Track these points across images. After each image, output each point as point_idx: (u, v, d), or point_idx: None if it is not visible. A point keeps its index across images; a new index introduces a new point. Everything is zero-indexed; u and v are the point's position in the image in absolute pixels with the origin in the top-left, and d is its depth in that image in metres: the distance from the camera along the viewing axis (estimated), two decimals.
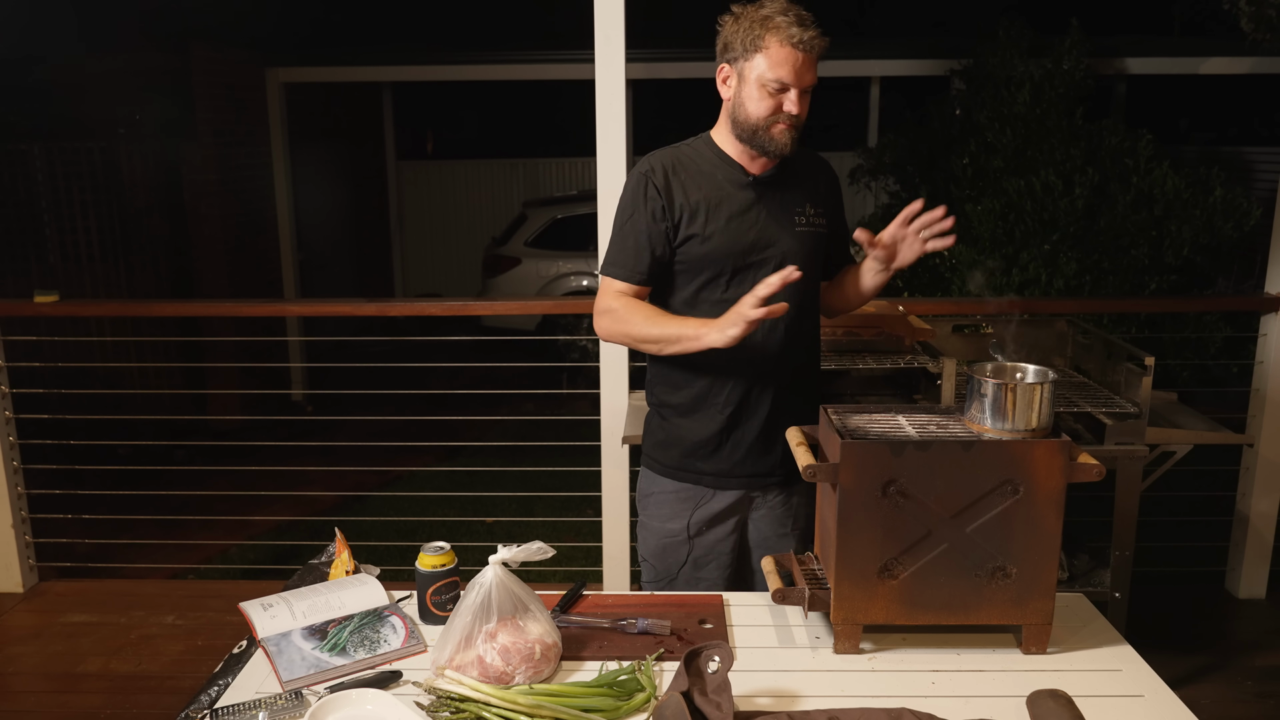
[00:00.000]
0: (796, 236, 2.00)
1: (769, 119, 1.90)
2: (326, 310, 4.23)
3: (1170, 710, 1.49)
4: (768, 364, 2.01)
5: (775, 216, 1.99)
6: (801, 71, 1.87)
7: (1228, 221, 5.48)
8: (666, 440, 2.10)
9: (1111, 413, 2.63)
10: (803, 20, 1.87)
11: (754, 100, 1.90)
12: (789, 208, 2.01)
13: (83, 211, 5.98)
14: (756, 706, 1.48)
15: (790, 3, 1.91)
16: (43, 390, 3.82)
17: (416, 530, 4.34)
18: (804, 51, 1.86)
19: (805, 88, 1.90)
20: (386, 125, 9.66)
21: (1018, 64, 5.90)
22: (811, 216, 2.03)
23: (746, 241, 1.97)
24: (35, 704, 2.98)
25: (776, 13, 1.87)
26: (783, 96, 1.88)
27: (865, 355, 2.60)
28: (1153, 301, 5.02)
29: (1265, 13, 4.74)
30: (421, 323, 3.87)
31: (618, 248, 1.99)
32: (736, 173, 1.98)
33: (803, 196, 2.03)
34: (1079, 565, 2.88)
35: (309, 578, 1.91)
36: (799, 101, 1.89)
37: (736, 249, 1.96)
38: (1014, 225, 5.53)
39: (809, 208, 2.02)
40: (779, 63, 1.86)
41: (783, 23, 1.86)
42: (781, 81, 1.87)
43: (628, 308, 1.94)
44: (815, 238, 2.03)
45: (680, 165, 2.00)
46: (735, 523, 2.11)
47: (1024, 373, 1.71)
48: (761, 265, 1.97)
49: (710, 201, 1.97)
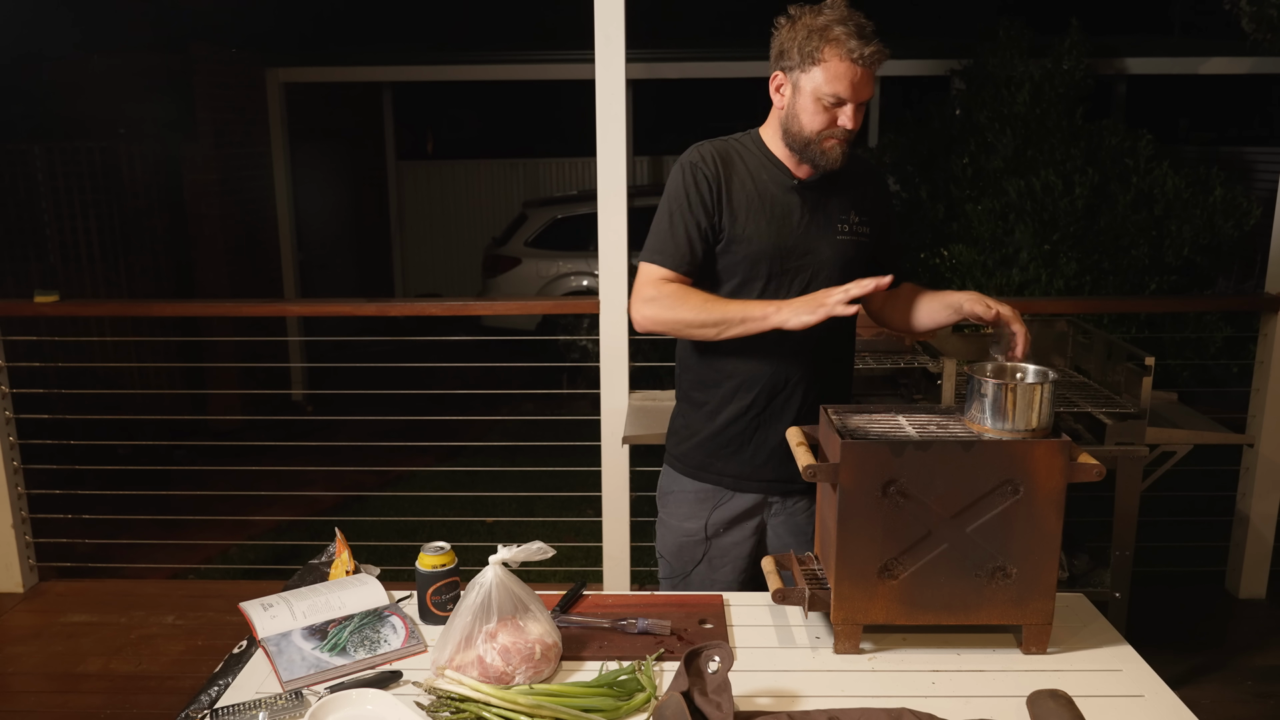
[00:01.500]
0: (837, 245, 1.96)
1: (823, 133, 1.85)
2: (326, 310, 4.23)
3: (1170, 710, 1.49)
4: (799, 369, 1.99)
5: (818, 223, 1.95)
6: (860, 86, 1.82)
7: (1228, 221, 5.49)
8: (691, 438, 2.08)
9: (1111, 413, 2.63)
10: (863, 31, 1.80)
11: (808, 113, 1.85)
12: (833, 215, 1.96)
13: (83, 211, 5.98)
14: (756, 706, 1.48)
15: (850, 9, 1.83)
16: (43, 390, 3.82)
17: (416, 530, 4.34)
18: (864, 66, 1.80)
19: (862, 101, 1.85)
20: (386, 125, 9.67)
21: (1018, 64, 5.91)
22: (856, 225, 1.98)
23: (786, 246, 1.93)
24: (35, 704, 2.98)
25: (836, 22, 1.80)
26: (838, 111, 1.84)
27: (865, 355, 2.60)
28: (1153, 301, 5.02)
29: (1265, 12, 4.75)
30: (421, 323, 3.87)
31: (665, 235, 1.93)
32: (783, 175, 1.94)
33: (848, 204, 1.98)
34: (1079, 565, 2.88)
35: (309, 578, 1.91)
36: (854, 115, 1.84)
37: (777, 253, 1.93)
38: (1014, 225, 5.53)
39: (854, 215, 1.98)
40: (837, 77, 1.80)
41: (842, 34, 1.79)
42: (839, 97, 1.82)
43: (678, 293, 1.88)
44: (857, 246, 1.98)
45: (729, 159, 1.95)
46: (754, 527, 2.09)
47: (1024, 373, 1.71)
48: (799, 272, 1.94)
49: (754, 202, 1.93)
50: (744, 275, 1.94)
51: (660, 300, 1.89)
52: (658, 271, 1.92)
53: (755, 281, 1.94)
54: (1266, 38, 4.98)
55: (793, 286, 1.94)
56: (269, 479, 4.33)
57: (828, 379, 2.04)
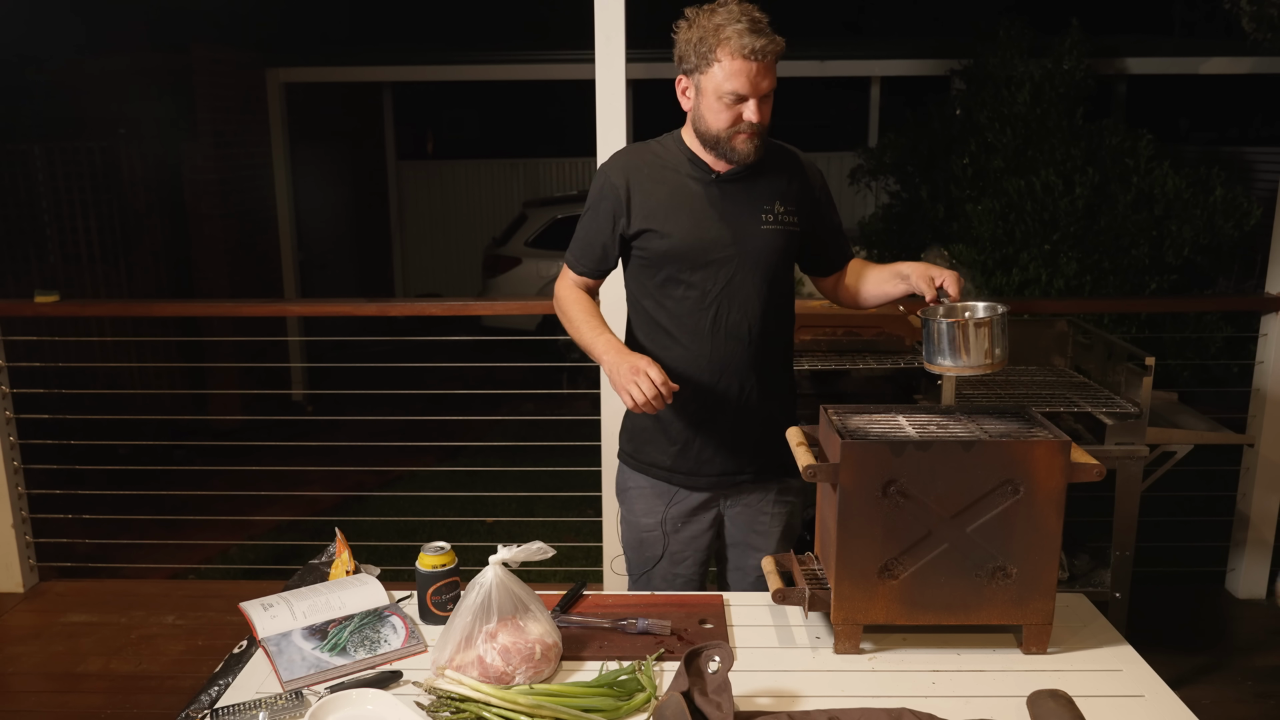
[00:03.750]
0: (762, 235, 1.99)
1: (730, 129, 1.88)
2: (326, 310, 4.23)
3: (1170, 710, 1.49)
4: (734, 364, 2.01)
5: (739, 214, 1.98)
6: (757, 80, 1.84)
7: (1228, 221, 5.48)
8: (640, 437, 2.11)
9: (1112, 413, 2.63)
10: (756, 26, 1.83)
11: (713, 112, 1.88)
12: (755, 205, 1.99)
13: (83, 211, 5.98)
14: (757, 706, 1.48)
15: (744, 4, 1.86)
16: (43, 390, 3.82)
17: (417, 530, 4.34)
18: (758, 61, 1.82)
19: (764, 95, 1.87)
20: (386, 125, 9.66)
21: (1018, 64, 5.90)
22: (781, 214, 2.00)
23: (708, 239, 1.97)
24: (35, 704, 2.98)
25: (729, 21, 1.83)
26: (741, 107, 1.86)
27: (865, 355, 2.60)
28: (1153, 301, 5.02)
29: (1266, 12, 4.75)
30: (421, 323, 3.87)
31: (577, 240, 2.10)
32: (701, 171, 1.98)
33: (771, 194, 2.00)
34: (1079, 565, 2.88)
35: (309, 578, 1.91)
36: (759, 109, 1.87)
37: (698, 247, 1.97)
38: (1014, 225, 5.53)
39: (778, 205, 2.00)
40: (733, 75, 1.83)
41: (734, 33, 1.81)
42: (738, 93, 1.84)
43: (569, 300, 2.05)
44: (785, 235, 2.01)
45: (644, 163, 2.02)
46: (710, 519, 2.12)
47: (973, 310, 1.74)
48: (724, 264, 1.98)
49: (671, 199, 1.98)
50: (671, 269, 2.00)
51: (559, 302, 2.08)
52: (568, 273, 2.11)
53: (681, 274, 2.00)
54: (1266, 37, 4.98)
55: (719, 277, 1.98)
56: (269, 479, 4.33)
57: (765, 375, 2.05)
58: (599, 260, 2.07)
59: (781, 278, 2.04)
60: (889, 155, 6.80)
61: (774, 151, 2.01)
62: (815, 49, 8.14)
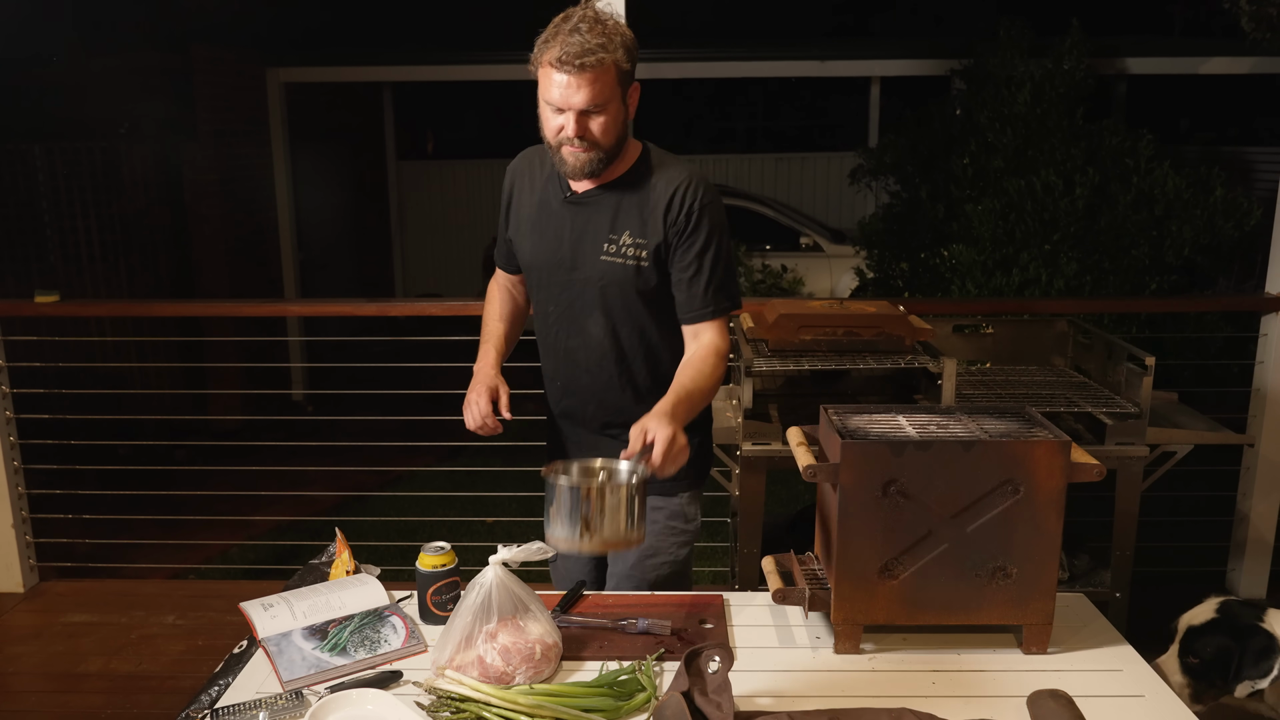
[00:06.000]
0: (600, 265, 1.87)
1: (555, 139, 1.80)
2: (327, 310, 4.23)
3: (1170, 710, 1.50)
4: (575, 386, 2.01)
5: (583, 239, 1.89)
6: (569, 94, 1.73)
7: (1228, 221, 5.49)
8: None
9: (1112, 413, 2.63)
10: (581, 35, 1.71)
11: (542, 120, 1.82)
12: (600, 232, 1.88)
13: (83, 211, 5.98)
14: (757, 706, 1.48)
15: (587, 14, 1.74)
16: (43, 390, 3.82)
17: (417, 530, 4.33)
18: (570, 73, 1.71)
19: (581, 109, 1.75)
20: (386, 125, 9.66)
21: (1018, 64, 5.91)
22: (624, 246, 1.86)
23: (555, 259, 1.91)
24: (35, 704, 2.98)
25: (556, 30, 1.74)
26: (561, 119, 1.77)
27: (865, 355, 2.59)
28: (1153, 301, 5.02)
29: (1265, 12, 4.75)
30: (421, 323, 3.86)
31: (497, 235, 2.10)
32: (561, 188, 1.91)
33: (621, 223, 1.86)
34: (1079, 565, 2.88)
35: (309, 578, 1.91)
36: (577, 123, 1.75)
37: (546, 265, 1.93)
38: (1014, 225, 5.53)
39: (625, 236, 1.86)
40: (547, 84, 1.75)
41: (554, 40, 1.72)
42: (552, 104, 1.76)
43: (488, 299, 2.13)
44: (624, 269, 1.86)
45: (530, 169, 1.99)
46: None
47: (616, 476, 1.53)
48: (565, 286, 1.92)
49: (536, 212, 1.95)
50: (533, 279, 2.00)
51: (487, 294, 2.14)
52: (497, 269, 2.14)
53: (533, 290, 2.00)
54: (1266, 37, 4.98)
55: (559, 300, 1.94)
56: (269, 479, 4.33)
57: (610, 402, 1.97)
58: (508, 256, 2.08)
59: (632, 310, 1.90)
60: (889, 155, 6.81)
61: (646, 179, 1.87)
62: (815, 49, 8.14)
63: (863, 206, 8.78)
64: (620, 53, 1.76)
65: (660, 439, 1.65)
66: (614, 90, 1.78)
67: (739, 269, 7.17)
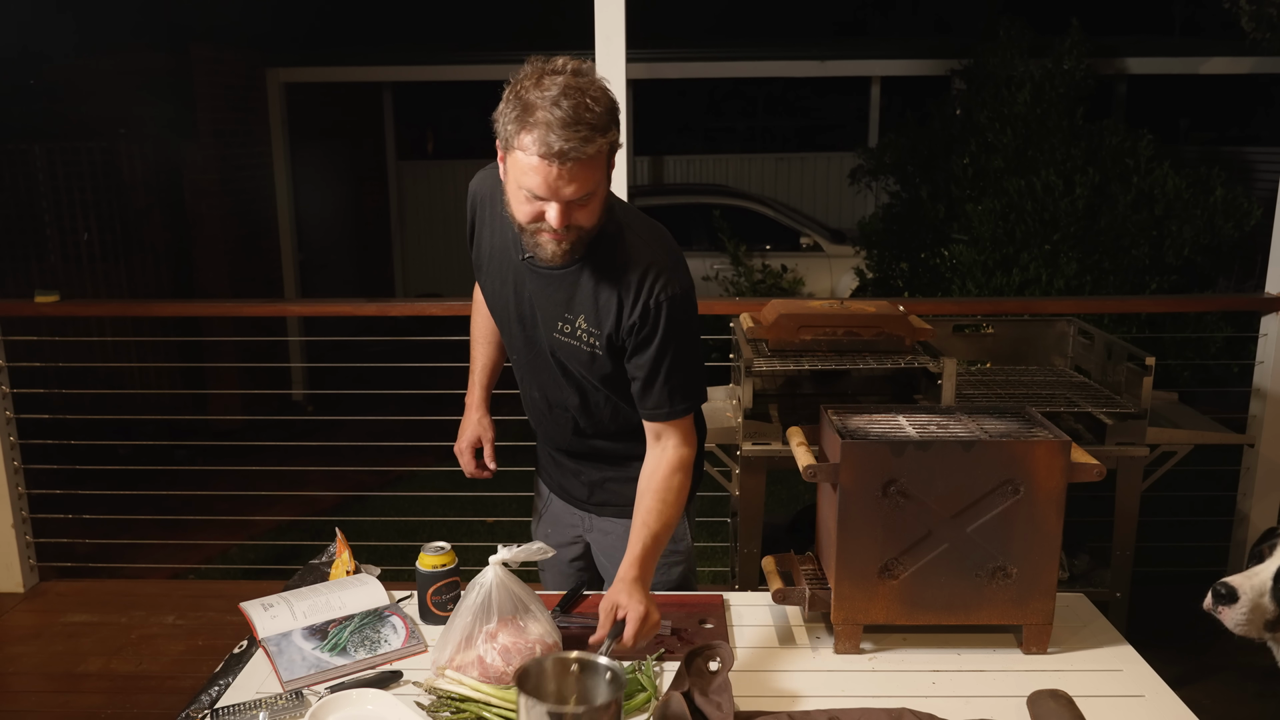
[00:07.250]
0: (554, 340, 1.71)
1: (531, 225, 1.54)
2: (327, 310, 4.23)
3: (1170, 710, 1.50)
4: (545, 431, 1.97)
5: (541, 308, 1.70)
6: (558, 186, 1.47)
7: (1228, 221, 5.49)
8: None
9: (1112, 413, 2.63)
10: (572, 121, 1.43)
11: (515, 200, 1.54)
12: (556, 309, 1.68)
13: (83, 211, 5.98)
14: (757, 706, 1.48)
15: (582, 80, 1.47)
16: (43, 390, 3.82)
17: (417, 530, 4.34)
18: (560, 164, 1.44)
19: (570, 200, 1.50)
20: (386, 125, 9.66)
21: (1018, 64, 5.91)
22: (580, 331, 1.68)
23: (514, 314, 1.75)
24: (35, 704, 2.98)
25: (544, 103, 1.43)
26: (543, 206, 1.51)
27: (865, 355, 2.59)
28: (1153, 301, 5.01)
29: (1265, 12, 4.75)
30: (421, 323, 3.86)
31: None
32: (518, 246, 1.68)
33: (576, 306, 1.66)
34: (1079, 565, 2.88)
35: (309, 578, 1.91)
36: (563, 214, 1.50)
37: (503, 315, 1.79)
38: (1014, 225, 5.54)
39: (581, 321, 1.67)
40: (530, 171, 1.47)
41: (543, 121, 1.43)
42: (533, 193, 1.49)
43: (476, 307, 2.03)
44: (581, 352, 1.70)
45: (492, 199, 1.73)
46: (574, 535, 2.03)
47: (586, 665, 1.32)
48: (534, 342, 1.76)
49: (496, 254, 1.76)
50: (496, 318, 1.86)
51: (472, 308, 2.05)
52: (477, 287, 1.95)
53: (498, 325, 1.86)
54: (1266, 37, 4.99)
55: (519, 350, 1.81)
56: (269, 479, 4.33)
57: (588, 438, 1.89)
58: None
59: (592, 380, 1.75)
60: (889, 155, 6.82)
61: (610, 259, 1.64)
62: (815, 49, 8.14)
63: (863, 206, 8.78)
64: (612, 129, 1.51)
65: (632, 618, 1.52)
66: (605, 171, 1.54)
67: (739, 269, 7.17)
